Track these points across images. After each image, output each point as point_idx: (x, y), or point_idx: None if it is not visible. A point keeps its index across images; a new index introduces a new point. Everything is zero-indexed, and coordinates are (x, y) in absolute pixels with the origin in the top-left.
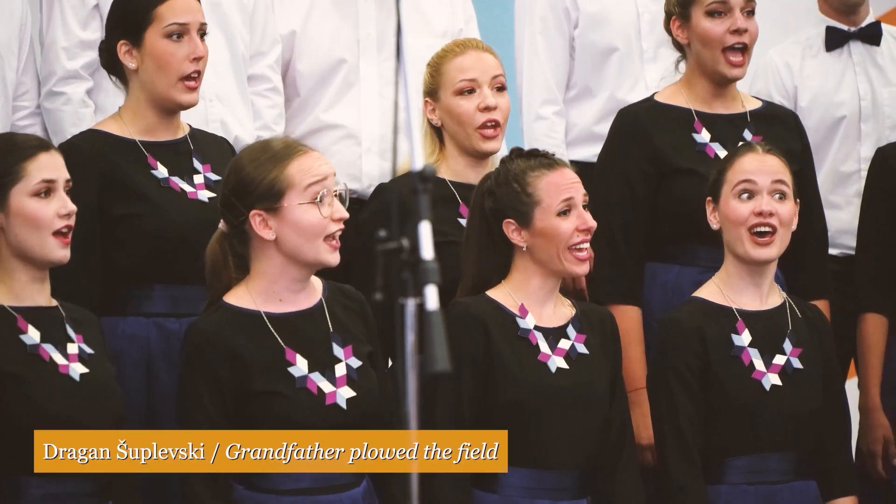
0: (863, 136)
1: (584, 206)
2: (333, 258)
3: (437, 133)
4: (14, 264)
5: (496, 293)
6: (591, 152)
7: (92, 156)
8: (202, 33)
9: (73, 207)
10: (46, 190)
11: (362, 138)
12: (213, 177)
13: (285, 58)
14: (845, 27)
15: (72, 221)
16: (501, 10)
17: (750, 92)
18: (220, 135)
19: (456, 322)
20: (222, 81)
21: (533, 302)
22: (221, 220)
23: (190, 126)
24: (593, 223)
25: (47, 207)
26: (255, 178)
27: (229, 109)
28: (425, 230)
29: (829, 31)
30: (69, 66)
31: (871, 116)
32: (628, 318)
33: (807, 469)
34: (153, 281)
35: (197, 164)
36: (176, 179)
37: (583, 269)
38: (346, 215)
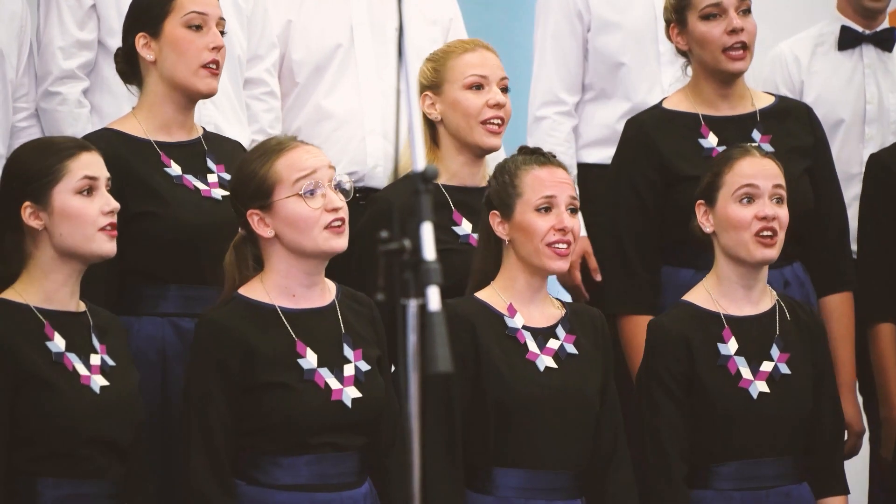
0: (866, 139)
1: (573, 211)
2: (338, 243)
3: (431, 131)
4: (53, 265)
5: (485, 293)
6: (607, 154)
7: (107, 153)
8: (221, 28)
9: (115, 205)
10: (89, 188)
11: (364, 121)
12: (227, 176)
13: (281, 50)
14: (860, 29)
15: (115, 219)
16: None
17: (757, 81)
18: None
19: None
20: None
21: (520, 302)
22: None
23: (204, 129)
24: (570, 224)
25: (91, 205)
26: (246, 177)
27: (221, 113)
28: (427, 231)
29: (844, 30)
30: (65, 65)
31: (876, 120)
32: (641, 329)
33: (798, 472)
34: (168, 281)
35: (211, 164)
36: (189, 178)
37: (559, 265)
38: (340, 205)
